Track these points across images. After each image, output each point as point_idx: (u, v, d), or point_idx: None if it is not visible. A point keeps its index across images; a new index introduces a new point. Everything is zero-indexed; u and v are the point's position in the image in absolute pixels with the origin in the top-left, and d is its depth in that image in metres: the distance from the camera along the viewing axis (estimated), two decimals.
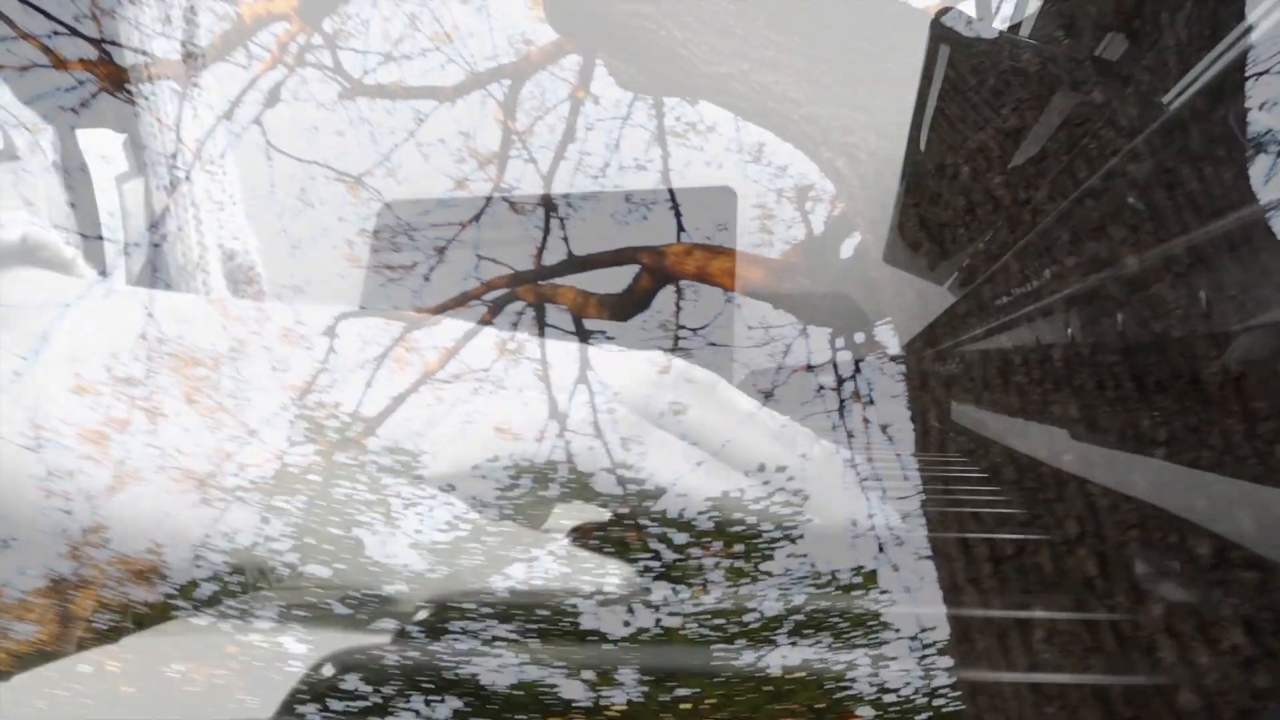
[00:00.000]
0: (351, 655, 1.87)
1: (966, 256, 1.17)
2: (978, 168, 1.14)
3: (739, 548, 1.80)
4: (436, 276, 1.99)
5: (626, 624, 1.75)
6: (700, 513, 1.78)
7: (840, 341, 2.19)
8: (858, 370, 2.26)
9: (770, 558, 1.84)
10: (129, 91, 1.77)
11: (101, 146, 2.31)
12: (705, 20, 1.36)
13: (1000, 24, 1.64)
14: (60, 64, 1.72)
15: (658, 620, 1.79)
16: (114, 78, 1.75)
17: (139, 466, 1.95)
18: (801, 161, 2.39)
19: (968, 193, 1.13)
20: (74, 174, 2.20)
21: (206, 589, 1.55)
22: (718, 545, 1.77)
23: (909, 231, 1.12)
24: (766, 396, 2.30)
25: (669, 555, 1.74)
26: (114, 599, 1.92)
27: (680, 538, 1.73)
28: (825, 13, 1.37)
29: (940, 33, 1.45)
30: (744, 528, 1.78)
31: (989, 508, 1.11)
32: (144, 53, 1.73)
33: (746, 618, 1.81)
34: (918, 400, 1.24)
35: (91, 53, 1.79)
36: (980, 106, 1.21)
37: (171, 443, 2.01)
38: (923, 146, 1.70)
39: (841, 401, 2.21)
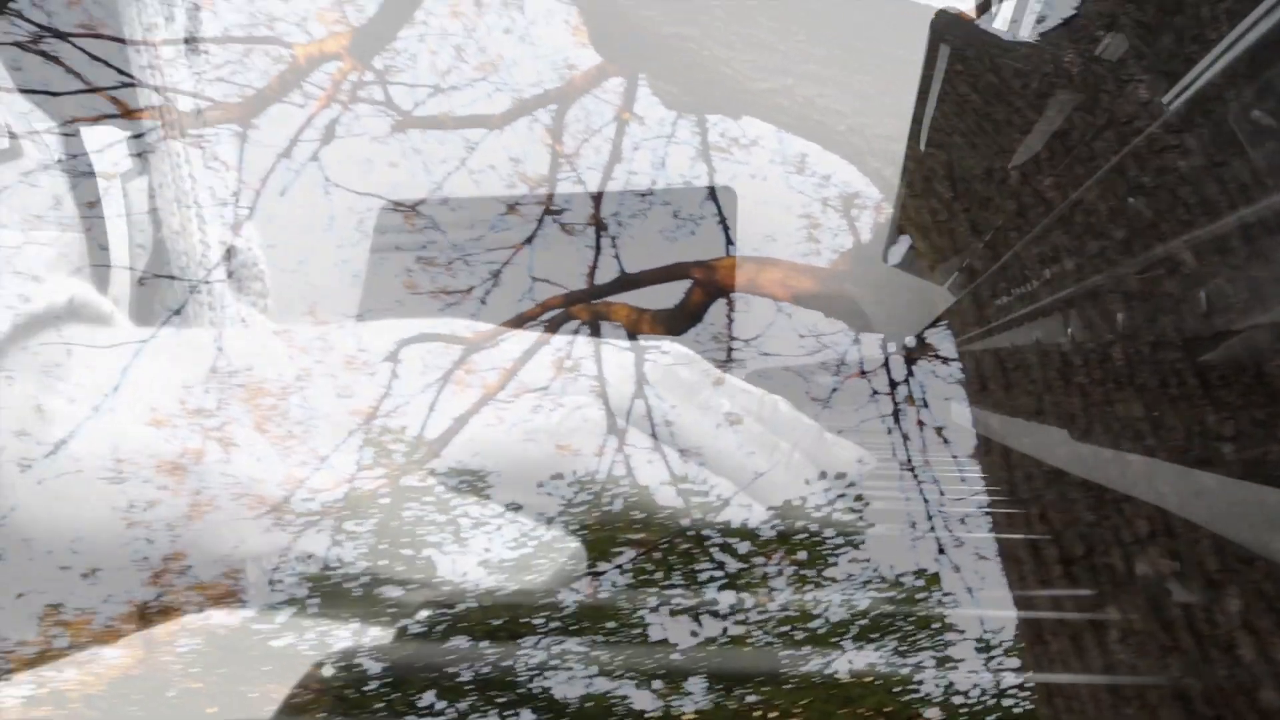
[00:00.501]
0: (351, 655, 1.90)
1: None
2: (1027, 170, 1.13)
3: (802, 555, 1.80)
4: (492, 299, 2.01)
5: (694, 634, 1.76)
6: (762, 522, 1.78)
7: (891, 346, 2.18)
8: (910, 374, 2.25)
9: (833, 564, 1.83)
10: (193, 136, 1.82)
11: (106, 144, 2.35)
12: (747, 38, 1.37)
13: (1001, 24, 1.64)
14: (129, 114, 1.78)
15: (725, 629, 1.80)
16: (179, 124, 1.80)
17: (215, 495, 2.00)
18: (844, 170, 2.39)
19: (1018, 196, 1.13)
20: (78, 173, 2.25)
21: (285, 612, 1.58)
22: (781, 553, 1.77)
23: (960, 237, 1.12)
24: (823, 404, 2.29)
25: (733, 565, 1.74)
26: (196, 624, 1.97)
27: (744, 547, 1.74)
28: (865, 24, 1.38)
29: (940, 32, 1.45)
30: (806, 535, 1.78)
31: (1055, 509, 1.10)
32: (205, 98, 1.78)
33: (812, 624, 1.81)
34: (978, 402, 1.24)
35: (157, 100, 1.84)
36: (1024, 110, 1.20)
37: (245, 471, 2.06)
38: (922, 146, 1.69)
39: (896, 405, 2.20)
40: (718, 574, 1.77)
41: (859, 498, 1.83)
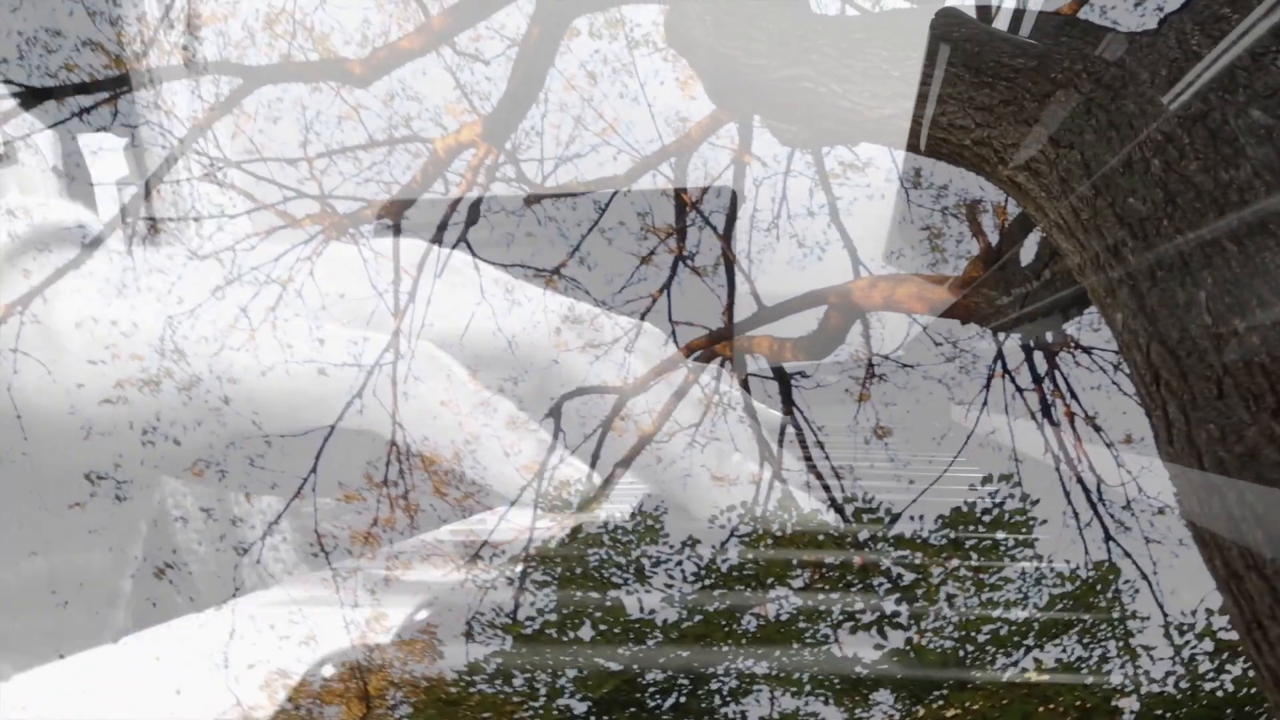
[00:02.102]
0: (351, 655, 1.93)
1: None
2: (1169, 158, 1.10)
3: (974, 559, 1.76)
4: (638, 347, 2.07)
5: (879, 646, 1.74)
6: (932, 531, 1.76)
7: (1031, 342, 2.13)
8: (1053, 368, 2.19)
9: (1007, 564, 1.79)
10: (351, 235, 1.93)
11: (102, 150, 2.46)
12: (861, 70, 1.37)
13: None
14: (295, 223, 1.90)
15: (908, 639, 1.77)
16: (339, 225, 1.91)
17: (407, 558, 2.09)
18: (960, 178, 2.36)
19: (1164, 183, 1.09)
20: (75, 178, 2.35)
21: (490, 661, 1.64)
22: (954, 560, 1.74)
23: (1109, 232, 1.09)
24: (969, 407, 2.25)
25: (908, 576, 1.72)
26: (401, 677, 2.05)
27: (917, 557, 1.71)
28: (979, 40, 1.37)
29: (941, 32, 1.42)
30: (977, 539, 1.74)
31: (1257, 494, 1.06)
32: (364, 200, 1.89)
33: (994, 626, 1.77)
34: (1154, 397, 1.19)
35: (315, 207, 1.97)
36: (1154, 100, 1.17)
37: (431, 532, 2.15)
38: (923, 146, 1.65)
39: (1044, 399, 2.15)
40: (894, 586, 1.75)
41: (1025, 496, 1.79)
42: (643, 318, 1.98)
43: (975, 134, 1.32)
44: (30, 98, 1.82)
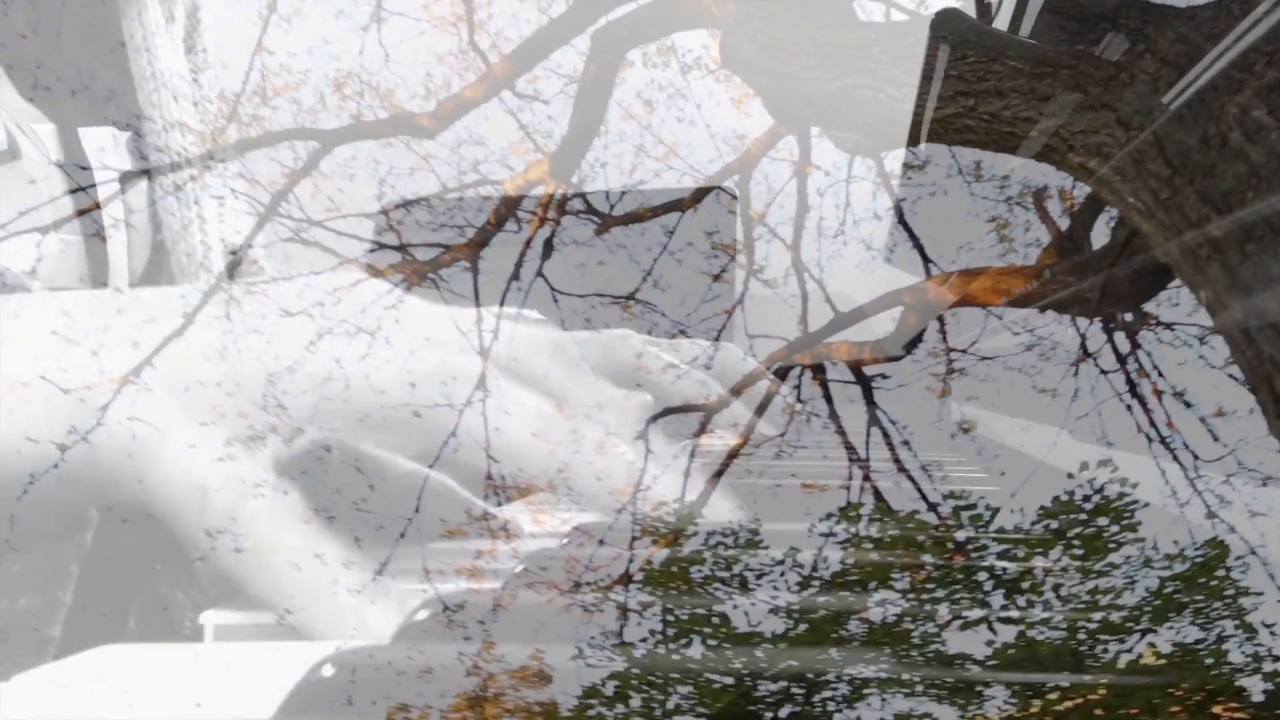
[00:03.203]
0: (351, 655, 1.93)
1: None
2: (1248, 130, 1.08)
3: (1080, 548, 1.72)
4: (717, 364, 2.08)
5: (990, 642, 1.71)
6: (1033, 522, 1.73)
7: (1112, 323, 2.08)
8: (1135, 347, 2.13)
9: (1113, 549, 1.74)
10: (431, 280, 1.98)
11: (105, 145, 2.51)
12: (918, 72, 1.37)
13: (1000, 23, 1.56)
14: (378, 273, 1.96)
15: (1020, 632, 1.74)
16: (419, 271, 1.96)
17: (511, 586, 2.12)
18: (1021, 167, 2.32)
19: (1245, 156, 1.07)
20: (77, 173, 2.39)
21: (608, 685, 1.65)
22: (1059, 549, 1.70)
23: (1191, 209, 1.07)
24: (1053, 394, 2.21)
25: (1013, 569, 1.69)
26: (515, 704, 2.07)
27: (1021, 550, 1.68)
28: (1036, 32, 1.35)
29: (940, 32, 1.40)
30: (1080, 527, 1.70)
31: None
32: (442, 246, 1.94)
33: (1105, 613, 1.72)
34: (1258, 372, 1.16)
35: (396, 258, 2.02)
36: (1227, 72, 1.14)
37: (533, 561, 2.17)
38: (922, 144, 1.62)
39: (1130, 380, 2.09)
40: (1000, 581, 1.72)
41: (1124, 480, 1.74)
42: (719, 335, 1.99)
43: (1041, 124, 1.30)
44: (128, 180, 1.91)
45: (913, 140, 1.53)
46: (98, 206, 2.15)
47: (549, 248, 1.89)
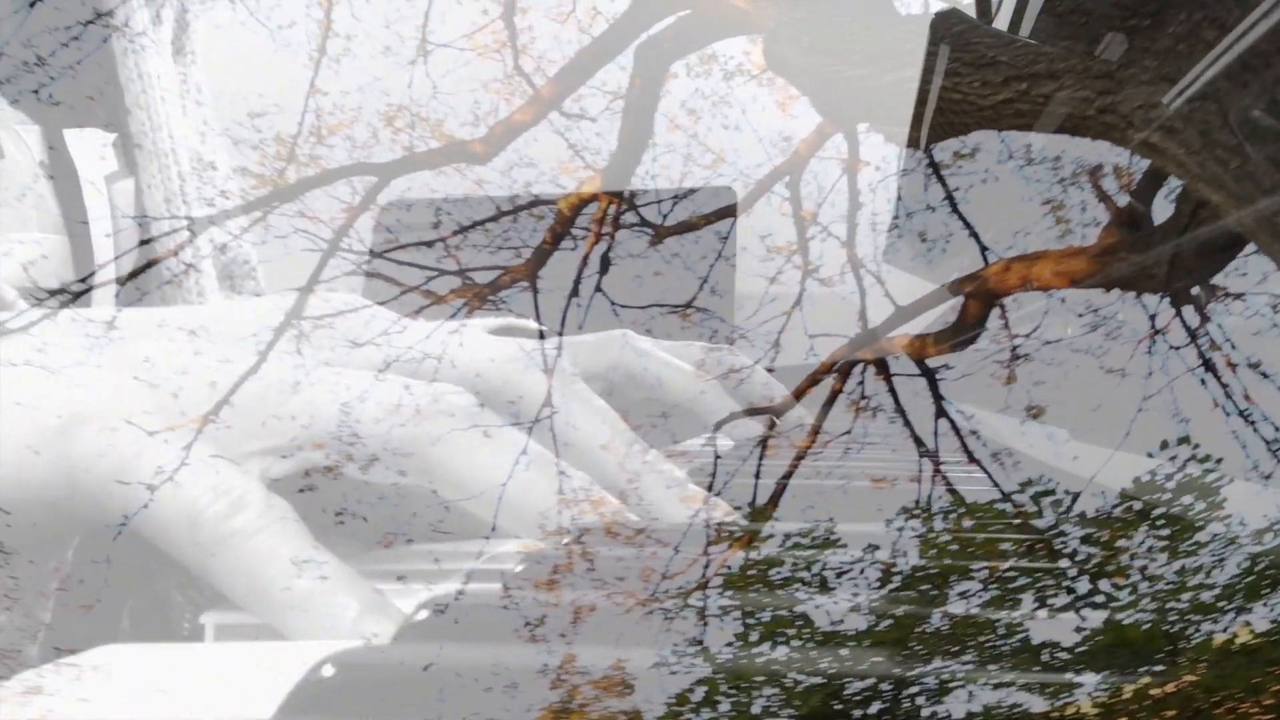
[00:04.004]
0: (352, 655, 1.91)
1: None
2: None
3: (1166, 527, 1.68)
4: (779, 366, 2.07)
5: (1079, 629, 1.67)
6: (1114, 505, 1.69)
7: (1180, 296, 2.03)
8: (1206, 320, 2.08)
9: (1200, 527, 1.70)
10: (493, 301, 2.01)
11: (90, 146, 2.52)
12: (969, 61, 1.35)
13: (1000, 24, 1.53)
14: (439, 299, 1.99)
15: (1107, 617, 1.70)
16: (480, 294, 1.99)
17: (589, 599, 2.12)
18: (1075, 147, 2.28)
19: None
20: (61, 174, 2.41)
21: (696, 690, 1.65)
22: (1143, 530, 1.66)
23: (1264, 176, 1.05)
24: (1121, 374, 2.16)
25: (1098, 553, 1.65)
26: (601, 715, 2.08)
27: (1104, 533, 1.65)
28: (1086, 10, 1.33)
29: (940, 32, 1.38)
30: (1165, 506, 1.66)
31: None
32: (501, 268, 1.96)
33: (1194, 594, 1.68)
34: None
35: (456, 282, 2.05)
36: None
37: (609, 573, 2.18)
38: (923, 144, 1.58)
39: (1202, 354, 2.04)
40: (1084, 566, 1.68)
41: (1207, 457, 1.70)
42: (779, 336, 1.98)
43: (1098, 103, 1.28)
44: (196, 228, 1.97)
45: (962, 130, 1.52)
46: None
47: (606, 262, 1.90)
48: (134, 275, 2.24)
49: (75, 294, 1.91)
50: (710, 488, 1.93)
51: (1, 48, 2.12)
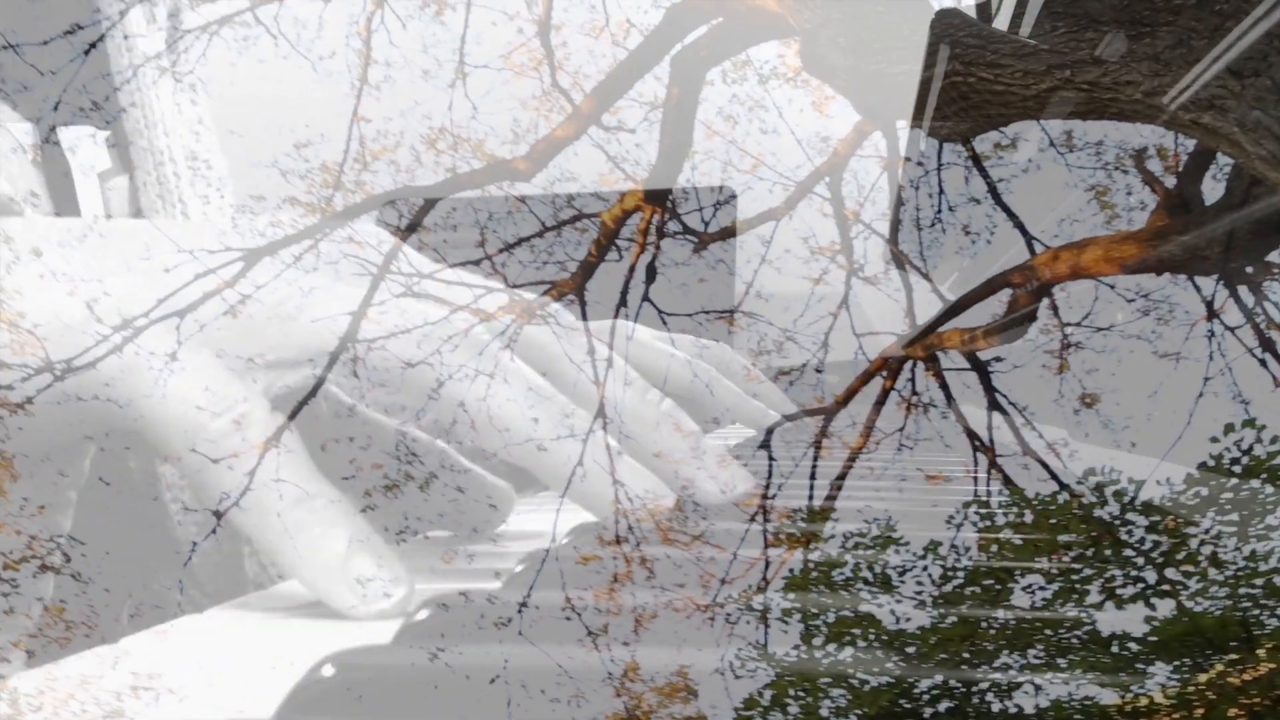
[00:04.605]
0: (352, 655, 1.89)
1: None
2: None
3: (1234, 513, 1.64)
4: (829, 366, 2.06)
5: (1149, 619, 1.64)
6: (1178, 492, 1.65)
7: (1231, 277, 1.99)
8: (1262, 299, 2.03)
9: (1269, 510, 1.65)
10: (542, 317, 2.02)
11: (85, 143, 2.52)
12: (1008, 53, 1.34)
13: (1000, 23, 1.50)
14: (487, 317, 2.01)
15: (1176, 606, 1.66)
16: (528, 310, 2.01)
17: (650, 607, 2.13)
18: (1116, 131, 2.24)
19: None
20: (56, 171, 2.42)
21: (764, 694, 1.64)
22: (1211, 515, 1.62)
23: None
24: (1176, 359, 2.12)
25: (1165, 541, 1.62)
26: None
27: (1170, 520, 1.61)
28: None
29: (941, 32, 1.35)
30: (1232, 492, 1.62)
31: None
32: (548, 283, 1.98)
33: (1267, 578, 1.64)
34: None
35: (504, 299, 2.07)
36: None
37: (669, 579, 2.18)
38: (923, 145, 1.55)
39: (1260, 334, 1.99)
40: (1150, 555, 1.65)
41: (1274, 438, 1.65)
42: (827, 337, 1.97)
43: (1145, 85, 1.26)
44: (248, 259, 2.01)
45: (1001, 121, 1.50)
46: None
47: (652, 272, 1.90)
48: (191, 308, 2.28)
49: (139, 329, 1.95)
50: (766, 491, 1.92)
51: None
